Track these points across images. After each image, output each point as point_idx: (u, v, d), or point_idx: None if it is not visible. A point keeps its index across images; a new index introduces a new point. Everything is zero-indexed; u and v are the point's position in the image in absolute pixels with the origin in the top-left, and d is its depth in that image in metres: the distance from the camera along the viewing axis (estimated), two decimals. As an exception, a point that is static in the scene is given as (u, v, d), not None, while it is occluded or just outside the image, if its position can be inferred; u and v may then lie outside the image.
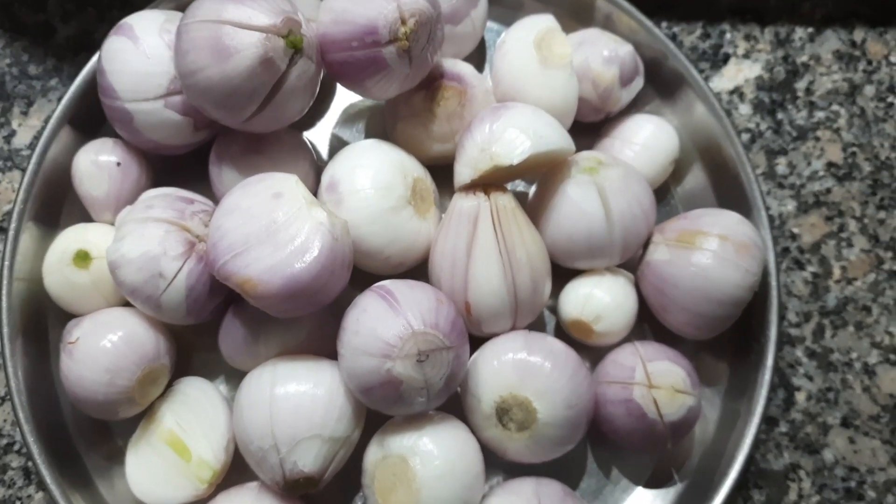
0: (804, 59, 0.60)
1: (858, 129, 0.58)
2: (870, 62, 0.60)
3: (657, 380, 0.46)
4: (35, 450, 0.46)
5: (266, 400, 0.44)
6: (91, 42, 0.58)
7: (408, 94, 0.50)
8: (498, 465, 0.49)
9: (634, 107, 0.55)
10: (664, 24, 0.60)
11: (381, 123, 0.54)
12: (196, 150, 0.51)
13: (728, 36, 0.60)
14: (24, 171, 0.55)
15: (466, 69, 0.51)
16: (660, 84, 0.55)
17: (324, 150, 0.55)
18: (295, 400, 0.44)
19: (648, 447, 0.48)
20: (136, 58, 0.47)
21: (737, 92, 0.59)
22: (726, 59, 0.60)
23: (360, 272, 0.48)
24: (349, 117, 0.56)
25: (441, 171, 0.51)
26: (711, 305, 0.47)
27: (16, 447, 0.52)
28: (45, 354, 0.50)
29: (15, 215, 0.49)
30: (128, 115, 0.48)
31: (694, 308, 0.48)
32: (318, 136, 0.56)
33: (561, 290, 0.50)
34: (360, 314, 0.44)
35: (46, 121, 0.56)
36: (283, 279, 0.41)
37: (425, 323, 0.42)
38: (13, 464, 0.51)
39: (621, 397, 0.46)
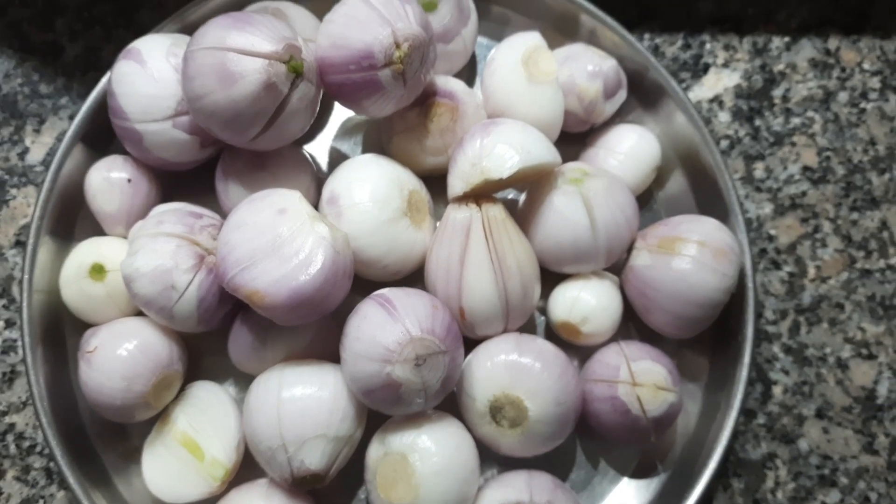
0: (781, 67, 0.62)
1: (832, 135, 0.61)
2: (843, 69, 0.63)
3: (640, 378, 0.49)
4: (57, 451, 0.49)
5: (274, 402, 0.47)
6: (98, 60, 0.61)
7: (403, 111, 0.52)
8: (492, 459, 0.52)
9: (618, 117, 0.58)
10: (647, 36, 0.63)
11: (377, 136, 0.57)
12: (203, 166, 0.54)
13: (708, 46, 0.63)
14: (38, 186, 0.58)
15: (458, 86, 0.54)
16: (642, 95, 0.58)
17: (324, 163, 0.58)
18: (301, 402, 0.47)
19: (633, 441, 0.51)
20: (145, 81, 0.49)
21: (716, 100, 0.62)
22: (706, 68, 0.62)
23: (360, 280, 0.51)
24: (347, 131, 0.59)
25: (435, 182, 0.54)
26: (691, 307, 0.50)
27: (38, 449, 0.54)
28: (63, 361, 0.53)
29: (32, 230, 0.52)
30: (138, 134, 0.50)
31: (674, 310, 0.50)
32: (318, 149, 0.58)
33: (550, 293, 0.53)
34: (360, 321, 0.46)
35: (58, 138, 0.59)
36: (288, 291, 0.44)
37: (422, 329, 0.45)
38: (36, 464, 0.54)
39: (607, 395, 0.49)
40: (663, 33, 0.63)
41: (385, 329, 0.45)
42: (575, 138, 0.58)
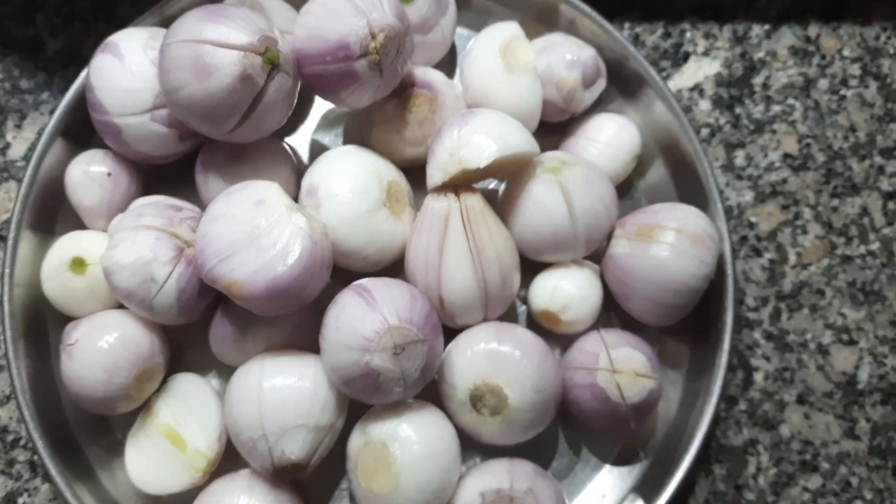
0: (761, 55, 0.63)
1: (813, 122, 0.61)
2: (823, 56, 0.63)
3: (620, 365, 0.49)
4: (40, 444, 0.49)
5: (255, 393, 0.47)
6: (79, 55, 0.61)
7: (381, 102, 0.52)
8: (474, 448, 0.53)
9: (598, 106, 0.58)
10: (627, 25, 0.63)
11: (358, 128, 0.57)
12: (182, 159, 0.54)
13: (688, 35, 0.63)
14: (19, 181, 0.58)
15: (436, 76, 0.54)
16: (622, 84, 0.58)
17: (304, 154, 0.58)
18: (281, 392, 0.47)
19: (613, 428, 0.51)
20: (122, 75, 0.49)
21: (697, 88, 0.62)
22: (687, 57, 0.62)
23: (341, 271, 0.51)
24: (327, 122, 0.59)
25: (415, 172, 0.54)
26: (669, 294, 0.50)
27: (21, 442, 0.55)
28: (45, 354, 0.53)
29: (13, 224, 0.52)
30: (116, 128, 0.50)
31: (653, 297, 0.51)
32: (299, 140, 0.58)
33: (530, 282, 0.53)
34: (339, 311, 0.47)
35: (39, 133, 0.59)
36: (266, 281, 0.44)
37: (400, 318, 0.45)
38: (20, 458, 0.54)
39: (586, 382, 0.49)
40: (643, 22, 0.63)
41: (363, 319, 0.45)
42: (555, 128, 0.58)
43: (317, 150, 0.58)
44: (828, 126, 0.61)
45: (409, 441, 0.47)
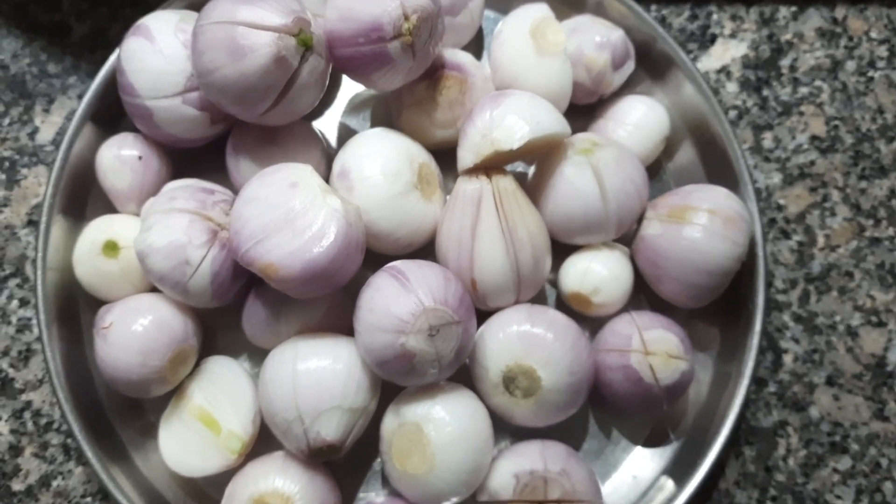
0: (788, 37, 0.62)
1: (840, 104, 0.61)
2: (850, 38, 0.62)
3: (652, 346, 0.49)
4: (75, 427, 0.50)
5: (289, 375, 0.47)
6: (105, 39, 0.61)
7: (411, 84, 0.52)
8: (506, 430, 0.53)
9: (626, 88, 0.58)
10: (653, 7, 0.62)
11: (386, 111, 0.57)
12: (213, 142, 0.54)
13: (715, 17, 0.63)
14: (48, 165, 0.58)
15: (466, 58, 0.54)
16: (650, 66, 0.58)
17: (332, 138, 0.58)
18: (316, 374, 0.47)
19: (645, 409, 0.51)
20: (154, 57, 0.49)
21: (724, 71, 0.62)
22: (713, 39, 0.62)
23: (372, 253, 0.51)
24: (356, 106, 0.59)
25: (445, 155, 0.54)
26: (702, 276, 0.50)
27: (55, 426, 0.55)
28: (78, 338, 0.53)
29: (45, 209, 0.52)
30: (148, 111, 0.50)
31: (685, 279, 0.51)
32: (327, 124, 0.58)
33: (561, 264, 0.53)
34: (374, 293, 0.47)
35: (68, 117, 0.59)
36: (302, 263, 0.44)
37: (435, 300, 0.45)
38: (53, 441, 0.55)
39: (619, 363, 0.49)
40: (670, 4, 0.63)
41: (398, 300, 0.45)
42: (583, 110, 0.58)
43: (345, 133, 0.58)
44: (855, 108, 0.61)
45: (443, 422, 0.47)
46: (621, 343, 0.50)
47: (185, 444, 0.50)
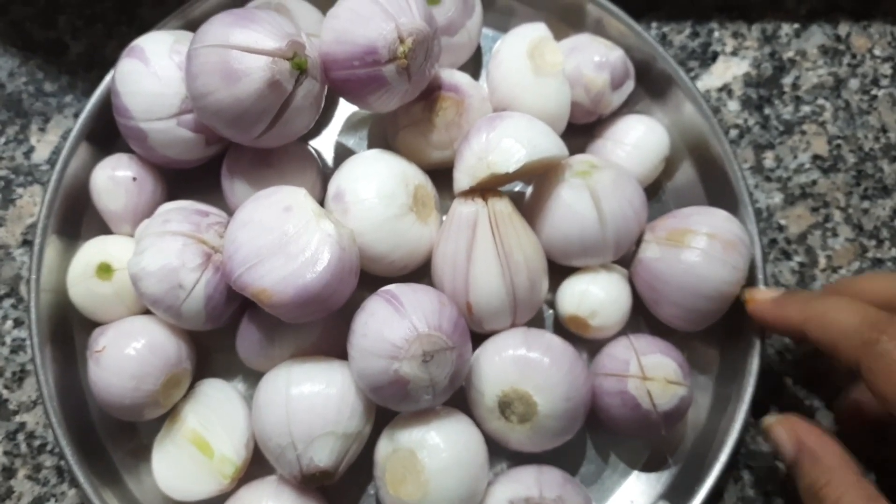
0: (790, 54, 0.62)
1: (843, 122, 0.60)
2: (854, 56, 0.62)
3: (650, 372, 0.49)
4: (67, 450, 0.49)
5: (282, 400, 0.47)
6: (102, 57, 0.60)
7: (407, 105, 0.52)
8: (501, 454, 0.52)
9: (626, 107, 0.57)
10: (654, 25, 0.62)
11: (383, 131, 0.57)
12: (209, 162, 0.53)
13: (716, 34, 0.62)
14: (43, 185, 0.58)
15: (463, 79, 0.53)
16: (650, 85, 0.57)
17: (329, 158, 0.58)
18: (309, 399, 0.46)
19: (643, 434, 0.51)
20: (148, 79, 0.49)
21: (725, 89, 0.61)
22: (715, 57, 0.62)
23: (367, 275, 0.51)
24: (352, 126, 0.58)
25: (441, 176, 0.54)
26: (700, 300, 0.50)
27: (48, 447, 0.54)
28: (72, 359, 0.53)
29: (39, 229, 0.52)
30: (142, 133, 0.50)
31: (684, 303, 0.50)
32: (324, 144, 0.58)
33: (558, 286, 0.53)
34: (368, 318, 0.46)
35: (63, 136, 0.59)
36: (295, 289, 0.44)
37: (429, 325, 0.45)
38: (46, 463, 0.54)
39: (617, 389, 0.49)
40: (670, 21, 0.62)
41: (392, 325, 0.45)
42: (582, 129, 0.57)
43: (341, 153, 0.58)
44: (858, 127, 0.60)
45: (438, 449, 0.46)
46: (619, 368, 0.49)
47: (178, 467, 0.50)
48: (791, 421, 0.47)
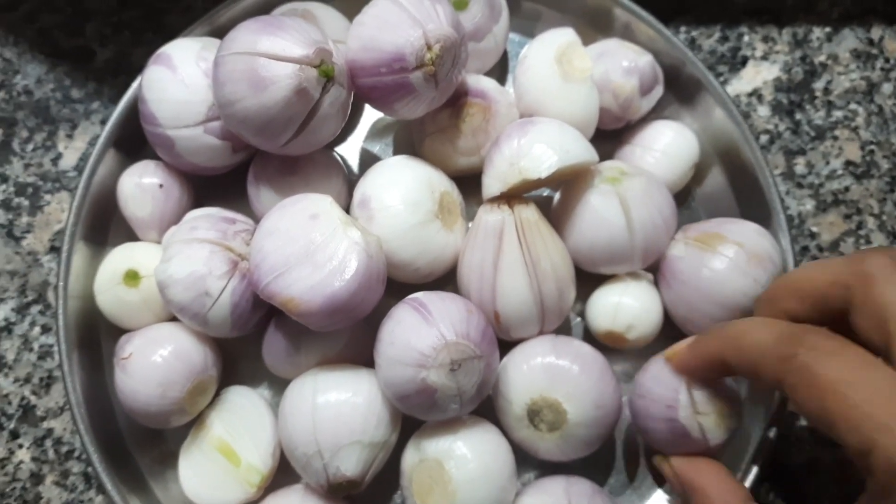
0: (822, 58, 0.61)
1: (876, 127, 0.59)
2: (887, 60, 0.61)
3: (703, 407, 0.46)
4: (95, 457, 0.49)
5: (309, 409, 0.46)
6: (128, 64, 0.61)
7: (434, 112, 0.51)
8: (529, 464, 0.52)
9: (654, 112, 0.56)
10: (683, 29, 0.61)
11: (408, 137, 0.56)
12: (235, 168, 0.53)
13: (746, 38, 0.61)
14: (71, 191, 0.58)
15: (490, 85, 0.53)
16: (679, 90, 0.57)
17: (354, 164, 0.58)
18: (336, 408, 0.46)
19: (686, 453, 0.48)
20: (175, 87, 0.49)
21: (755, 94, 0.60)
22: (745, 61, 0.61)
23: (392, 282, 0.50)
24: (378, 132, 0.58)
25: (467, 182, 0.53)
26: (712, 307, 0.48)
27: (76, 454, 0.55)
28: (99, 366, 0.53)
29: (67, 236, 0.52)
30: (169, 140, 0.50)
31: (696, 306, 0.49)
32: (349, 151, 0.58)
33: (585, 292, 0.52)
34: (395, 326, 0.46)
35: (91, 143, 0.59)
36: (323, 298, 0.44)
37: (457, 333, 0.44)
38: (74, 469, 0.54)
39: (665, 416, 0.46)
40: (699, 26, 0.61)
41: (420, 334, 0.45)
42: (610, 135, 0.56)
43: (367, 159, 0.57)
44: (892, 132, 0.59)
45: (465, 459, 0.46)
46: (668, 396, 0.46)
47: (204, 475, 0.50)
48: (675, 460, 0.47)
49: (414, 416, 0.47)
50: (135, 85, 0.54)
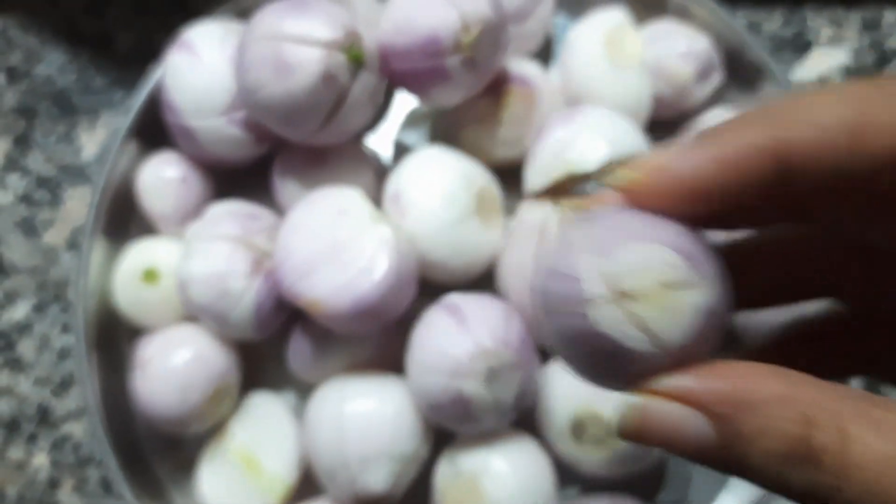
0: (894, 44, 0.56)
1: (955, 117, 0.54)
2: (968, 44, 0.56)
3: (633, 280, 0.42)
4: (113, 463, 0.47)
5: (335, 418, 0.44)
6: (150, 50, 0.58)
7: (472, 100, 0.48)
8: (571, 480, 0.48)
9: (712, 100, 0.52)
10: (742, 11, 0.57)
11: (445, 127, 0.53)
12: (259, 160, 0.50)
13: (811, 22, 0.56)
14: (92, 183, 0.56)
15: (533, 70, 0.49)
16: (738, 76, 0.52)
17: (387, 156, 0.54)
18: (364, 418, 0.43)
19: (632, 382, 0.45)
20: (198, 75, 0.46)
21: (821, 82, 0.56)
22: (809, 46, 0.56)
23: (425, 283, 0.47)
24: (413, 121, 0.55)
25: (508, 175, 0.50)
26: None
27: (95, 459, 0.53)
28: (118, 368, 0.50)
29: (87, 232, 0.49)
30: (191, 131, 0.47)
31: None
32: (382, 139, 0.55)
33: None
34: (427, 330, 0.43)
35: (112, 133, 0.57)
36: (351, 300, 0.41)
37: (494, 340, 0.41)
38: (93, 475, 0.52)
39: (568, 311, 0.43)
40: (760, 8, 0.57)
41: (454, 339, 0.41)
42: (664, 125, 0.52)
43: (400, 150, 0.54)
44: (973, 122, 0.54)
45: (502, 476, 0.43)
46: (566, 291, 0.42)
47: (225, 485, 0.47)
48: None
49: (447, 428, 0.44)
50: (156, 74, 0.51)
